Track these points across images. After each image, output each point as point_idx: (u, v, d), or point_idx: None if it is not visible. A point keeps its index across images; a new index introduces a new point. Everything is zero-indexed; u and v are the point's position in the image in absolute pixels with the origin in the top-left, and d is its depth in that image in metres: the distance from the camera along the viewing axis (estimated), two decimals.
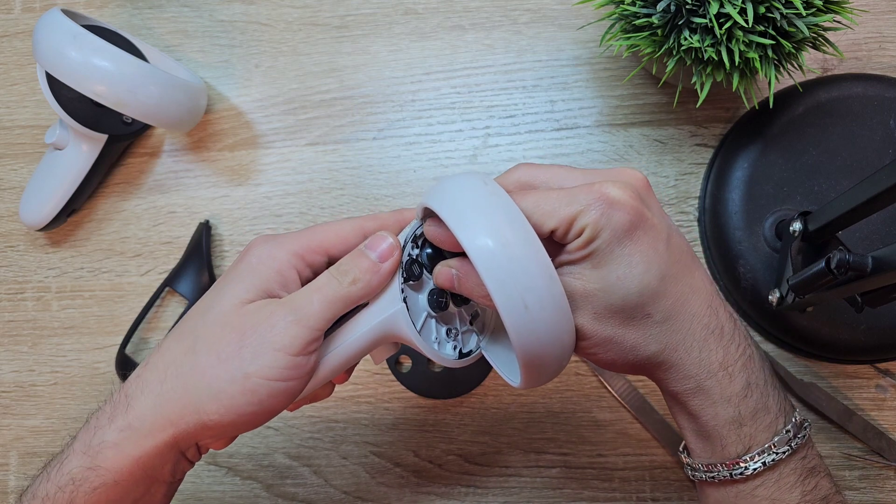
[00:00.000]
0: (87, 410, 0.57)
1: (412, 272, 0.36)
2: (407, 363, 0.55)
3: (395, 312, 0.35)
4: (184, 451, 0.36)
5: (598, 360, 0.35)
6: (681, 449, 0.39)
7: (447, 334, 0.37)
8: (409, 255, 0.36)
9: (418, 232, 0.36)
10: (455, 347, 0.38)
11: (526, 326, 0.30)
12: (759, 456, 0.34)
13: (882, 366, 0.53)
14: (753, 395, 0.34)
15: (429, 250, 0.37)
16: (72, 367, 0.58)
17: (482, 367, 0.54)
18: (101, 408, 0.35)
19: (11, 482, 0.57)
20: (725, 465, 0.35)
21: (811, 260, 0.43)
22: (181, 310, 0.57)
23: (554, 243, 0.34)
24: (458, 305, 0.38)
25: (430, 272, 0.37)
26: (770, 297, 0.48)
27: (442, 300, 0.36)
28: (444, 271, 0.35)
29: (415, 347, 0.36)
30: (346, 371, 0.39)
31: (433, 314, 0.37)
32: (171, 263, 0.58)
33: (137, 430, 0.33)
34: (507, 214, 0.31)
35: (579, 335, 0.33)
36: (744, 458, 0.34)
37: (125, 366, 0.57)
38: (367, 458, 0.55)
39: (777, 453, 0.34)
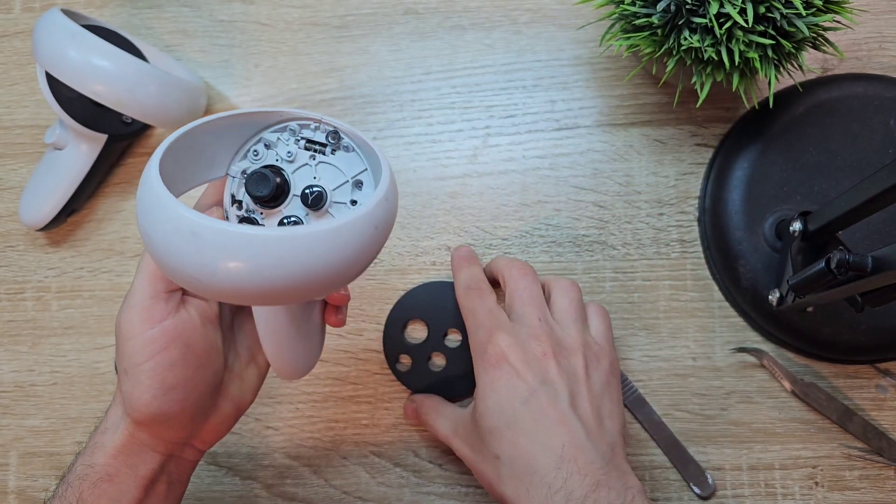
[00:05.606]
0: (86, 410, 0.57)
1: (255, 223, 0.36)
2: (407, 363, 0.55)
3: None
4: (154, 447, 0.40)
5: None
6: None
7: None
8: (238, 216, 0.36)
9: (235, 192, 0.36)
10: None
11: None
12: None
13: (882, 366, 0.53)
14: None
15: (258, 194, 0.35)
16: (71, 368, 0.58)
17: None
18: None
19: (11, 482, 0.57)
20: None
21: (811, 260, 0.43)
22: None
23: None
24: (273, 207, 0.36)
25: (268, 206, 0.36)
26: (770, 297, 0.48)
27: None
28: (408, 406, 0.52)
29: None
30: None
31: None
32: None
33: (110, 429, 0.39)
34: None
35: None
36: None
37: None
38: (366, 458, 0.55)
39: None
